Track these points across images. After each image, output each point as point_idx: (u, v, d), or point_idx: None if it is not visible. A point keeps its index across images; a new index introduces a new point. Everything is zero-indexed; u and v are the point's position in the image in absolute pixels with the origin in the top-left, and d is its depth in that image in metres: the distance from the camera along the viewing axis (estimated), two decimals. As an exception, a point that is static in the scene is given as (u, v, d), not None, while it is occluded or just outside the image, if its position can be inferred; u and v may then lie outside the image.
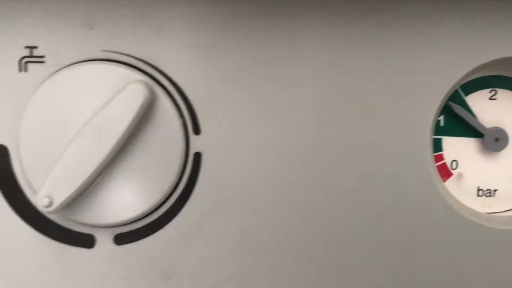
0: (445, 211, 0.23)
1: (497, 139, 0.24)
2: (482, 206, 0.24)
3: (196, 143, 0.22)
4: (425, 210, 0.23)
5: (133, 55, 0.22)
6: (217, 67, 0.22)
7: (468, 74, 0.22)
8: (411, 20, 0.22)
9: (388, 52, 0.22)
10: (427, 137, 0.22)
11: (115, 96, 0.21)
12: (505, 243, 0.23)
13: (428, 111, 0.22)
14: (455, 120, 0.24)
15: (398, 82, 0.22)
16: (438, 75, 0.22)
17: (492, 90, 0.24)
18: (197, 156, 0.22)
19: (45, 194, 0.21)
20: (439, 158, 0.24)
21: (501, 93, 0.24)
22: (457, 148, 0.24)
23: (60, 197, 0.21)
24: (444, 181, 0.24)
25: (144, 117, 0.22)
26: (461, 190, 0.24)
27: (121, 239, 0.23)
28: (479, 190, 0.24)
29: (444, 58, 0.22)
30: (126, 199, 0.22)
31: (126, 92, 0.21)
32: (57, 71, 0.22)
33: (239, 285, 0.23)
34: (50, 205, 0.21)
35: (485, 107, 0.24)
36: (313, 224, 0.23)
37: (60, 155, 0.21)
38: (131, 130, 0.21)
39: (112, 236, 0.23)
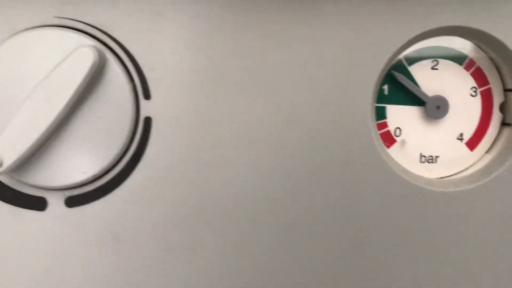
0: (387, 175, 0.24)
1: (438, 107, 0.25)
2: (423, 171, 0.25)
3: (147, 107, 0.23)
4: (368, 174, 0.24)
5: (85, 21, 0.23)
6: (167, 33, 0.23)
7: (409, 43, 0.23)
8: (353, -10, 0.23)
9: (330, 23, 0.23)
10: (369, 104, 0.23)
11: (65, 59, 0.21)
12: (444, 204, 0.24)
13: (369, 80, 0.23)
14: (398, 89, 0.25)
15: (340, 52, 0.23)
16: (378, 44, 0.23)
17: (434, 60, 0.25)
18: (147, 120, 0.23)
19: (-5, 155, 0.21)
20: (383, 125, 0.25)
21: (443, 63, 0.25)
22: (400, 116, 0.25)
23: (11, 157, 0.21)
24: (388, 147, 0.25)
25: (95, 81, 0.22)
26: (405, 156, 0.25)
27: (72, 201, 0.23)
28: (421, 156, 0.25)
29: (383, 27, 0.23)
30: (76, 162, 0.23)
31: (75, 55, 0.21)
32: (10, 36, 0.22)
33: (188, 247, 0.24)
34: (0, 165, 0.21)
35: (428, 77, 0.25)
36: (259, 185, 0.23)
37: (11, 117, 0.22)
38: (81, 93, 0.22)
39: (63, 199, 0.23)
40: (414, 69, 0.25)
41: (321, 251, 0.24)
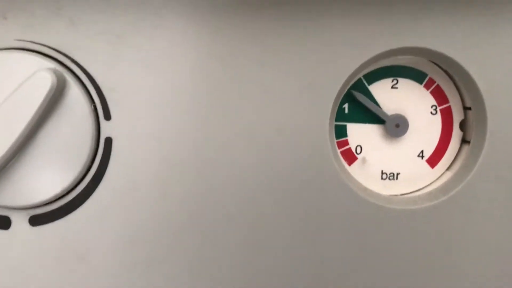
0: (345, 193, 0.24)
1: (397, 125, 0.25)
2: (384, 188, 0.26)
3: (107, 128, 0.23)
4: (327, 193, 0.24)
5: (46, 44, 0.23)
6: (127, 55, 0.23)
7: (367, 63, 0.23)
8: (311, 10, 0.23)
9: (288, 43, 0.23)
10: (327, 123, 0.23)
11: (23, 82, 0.22)
12: (404, 222, 0.24)
13: (328, 99, 0.23)
14: (359, 107, 0.25)
15: (299, 71, 0.23)
16: (337, 64, 0.23)
17: (394, 79, 0.25)
18: (108, 141, 0.23)
19: (-43, 176, 0.22)
20: (344, 143, 0.26)
21: (402, 82, 0.25)
22: (361, 134, 0.25)
23: (-27, 179, 0.22)
24: (350, 164, 0.26)
25: (55, 103, 0.23)
26: (366, 174, 0.26)
27: (36, 220, 0.24)
28: (383, 173, 0.26)
29: (342, 47, 0.23)
30: (39, 182, 0.23)
31: (34, 79, 0.22)
32: (-29, 58, 0.23)
33: (151, 265, 0.24)
34: (-38, 187, 0.22)
35: (388, 95, 0.25)
36: (222, 206, 0.24)
37: (-28, 139, 0.22)
38: (41, 115, 0.22)
39: (27, 218, 0.24)
40: (374, 88, 0.25)
41: (281, 271, 0.24)
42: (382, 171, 0.26)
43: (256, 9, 0.23)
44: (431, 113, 0.25)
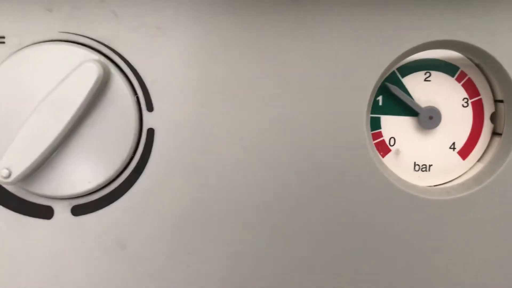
0: (381, 183, 0.24)
1: (431, 117, 0.26)
2: (417, 179, 0.26)
3: (149, 119, 0.24)
4: (363, 183, 0.24)
5: (89, 36, 0.23)
6: (168, 48, 0.23)
7: (402, 56, 0.24)
8: (348, 2, 0.23)
9: (325, 38, 0.23)
10: (364, 115, 0.24)
11: (70, 73, 0.22)
12: (438, 212, 0.25)
13: (365, 91, 0.24)
14: (392, 100, 0.26)
15: (336, 66, 0.24)
16: (373, 57, 0.24)
17: (427, 72, 0.26)
18: (150, 132, 0.24)
19: (4, 166, 0.22)
20: (378, 135, 0.26)
21: (435, 75, 0.26)
22: (394, 126, 0.26)
23: (19, 168, 0.22)
24: (383, 156, 0.26)
25: (99, 94, 0.23)
26: (399, 165, 0.26)
27: (78, 210, 0.24)
28: (415, 165, 0.26)
29: (378, 41, 0.24)
30: (82, 172, 0.23)
31: (81, 70, 0.22)
32: (17, 50, 0.23)
33: (191, 253, 0.24)
34: (8, 176, 0.22)
35: (420, 88, 0.26)
36: (260, 197, 0.24)
37: (19, 129, 0.22)
38: (86, 106, 0.22)
39: (69, 208, 0.24)
40: (407, 81, 0.26)
41: (317, 260, 0.25)
42: (415, 162, 0.26)
43: (292, 1, 0.23)
44: (463, 105, 0.26)
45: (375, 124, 0.26)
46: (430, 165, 0.26)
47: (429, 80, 0.26)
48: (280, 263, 0.25)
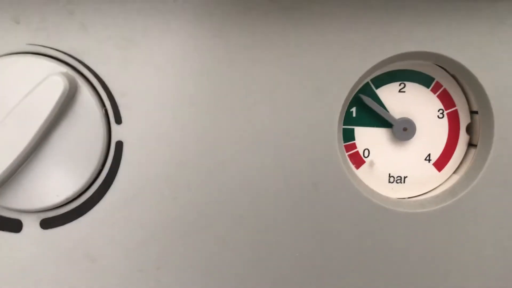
0: (353, 196, 0.24)
1: (405, 129, 0.25)
2: (392, 191, 0.26)
3: (118, 132, 0.24)
4: (335, 195, 0.24)
5: (58, 48, 0.23)
6: (138, 60, 0.23)
7: (375, 67, 0.24)
8: (319, 15, 0.23)
9: (298, 48, 0.23)
10: (335, 127, 0.24)
11: (36, 86, 0.22)
12: (411, 225, 0.25)
13: (337, 103, 0.24)
14: (366, 111, 0.26)
15: (308, 76, 0.23)
16: (345, 68, 0.23)
17: (401, 83, 0.26)
18: (119, 144, 0.24)
19: (-30, 179, 0.22)
20: (352, 147, 0.26)
21: (410, 86, 0.26)
22: (369, 137, 0.26)
23: (-15, 181, 0.22)
24: (357, 168, 0.26)
25: (67, 107, 0.23)
26: (373, 177, 0.26)
27: (47, 223, 0.24)
28: (390, 176, 0.26)
29: (350, 52, 0.23)
30: (51, 185, 0.23)
31: (47, 83, 0.22)
32: (-16, 63, 0.23)
33: (161, 267, 0.24)
34: (-26, 190, 0.22)
35: (395, 99, 0.26)
36: (233, 209, 0.24)
37: (-16, 142, 0.22)
38: (53, 119, 0.22)
39: (38, 221, 0.24)
40: (381, 92, 0.25)
41: (288, 272, 0.25)
42: (389, 174, 0.26)
43: (264, 13, 0.23)
44: (438, 116, 0.26)
45: (349, 136, 0.26)
46: (405, 177, 0.26)
47: (404, 91, 0.26)
48: (253, 276, 0.25)
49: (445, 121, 0.26)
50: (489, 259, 0.25)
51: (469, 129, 0.26)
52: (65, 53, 0.23)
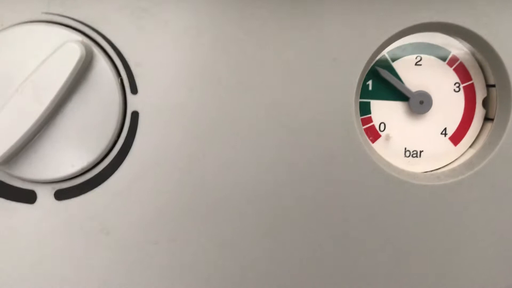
0: (370, 168, 0.24)
1: (421, 102, 0.25)
2: (408, 165, 0.26)
3: (134, 102, 0.23)
4: (352, 168, 0.24)
5: (73, 17, 0.23)
6: (153, 29, 0.23)
7: (391, 39, 0.23)
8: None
9: (312, 20, 0.23)
10: (352, 99, 0.23)
11: (52, 54, 0.22)
12: (428, 197, 0.24)
13: (353, 75, 0.23)
14: (382, 84, 0.25)
15: (323, 48, 0.23)
16: (361, 40, 0.23)
17: (418, 56, 0.25)
18: (135, 115, 0.23)
19: (-16, 148, 0.22)
20: (368, 120, 0.26)
21: (426, 59, 0.25)
22: (385, 111, 0.26)
23: (0, 150, 0.22)
24: (373, 142, 0.26)
25: (82, 76, 0.23)
26: (389, 151, 0.26)
27: (61, 194, 0.24)
28: (406, 150, 0.26)
29: (366, 23, 0.23)
30: (65, 155, 0.23)
31: (63, 50, 0.22)
32: (-1, 31, 0.23)
33: (175, 239, 0.24)
34: (-11, 159, 0.22)
35: (411, 72, 0.25)
36: (244, 180, 0.24)
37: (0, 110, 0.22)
38: (69, 87, 0.22)
39: (53, 192, 0.24)
40: (398, 65, 0.25)
41: (306, 244, 0.25)
42: (405, 148, 0.26)
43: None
44: (454, 90, 0.26)
45: (365, 109, 0.26)
46: (421, 151, 0.26)
47: (420, 64, 0.25)
48: (267, 250, 0.24)
49: (461, 95, 0.26)
50: (504, 232, 0.25)
51: (485, 103, 0.26)
52: (80, 22, 0.23)
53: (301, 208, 0.24)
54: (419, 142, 0.26)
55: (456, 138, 0.26)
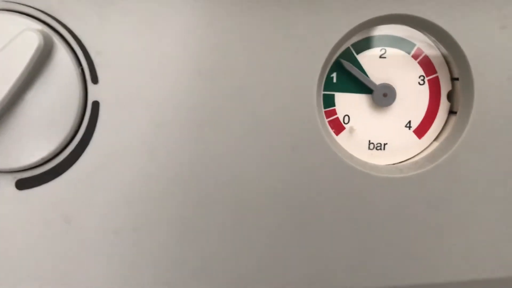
0: (332, 160, 0.24)
1: (385, 95, 0.25)
2: (372, 158, 0.26)
3: (94, 92, 0.23)
4: (314, 159, 0.24)
5: (32, 5, 0.23)
6: (115, 18, 0.23)
7: (355, 30, 0.23)
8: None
9: (274, 10, 0.23)
10: (314, 91, 0.23)
11: (9, 42, 0.22)
12: (390, 190, 0.24)
13: (315, 67, 0.23)
14: (347, 77, 0.25)
15: (285, 39, 0.23)
16: (323, 32, 0.23)
17: (382, 49, 0.25)
18: (95, 104, 0.23)
19: None
20: (332, 113, 0.26)
21: (390, 51, 0.25)
22: (349, 103, 0.26)
23: (-42, 139, 0.22)
24: (337, 134, 0.26)
25: (42, 65, 0.22)
26: (353, 143, 0.26)
27: (23, 184, 0.24)
28: (370, 143, 0.26)
29: (330, 14, 0.23)
30: (26, 145, 0.23)
31: (21, 38, 0.21)
32: (-44, 20, 0.22)
33: (137, 228, 0.24)
34: None
35: (376, 65, 0.25)
36: (208, 169, 0.24)
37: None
38: (27, 76, 0.22)
39: (14, 181, 0.24)
40: (362, 58, 0.25)
41: (267, 237, 0.25)
42: (369, 141, 0.26)
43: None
44: (419, 83, 0.26)
45: (329, 102, 0.26)
46: (385, 144, 0.26)
47: (385, 57, 0.25)
48: (229, 239, 0.25)
49: (426, 88, 0.26)
50: (468, 224, 0.25)
51: (450, 97, 0.26)
52: (40, 11, 0.23)
53: (263, 198, 0.24)
54: (383, 135, 0.26)
55: (420, 131, 0.26)
